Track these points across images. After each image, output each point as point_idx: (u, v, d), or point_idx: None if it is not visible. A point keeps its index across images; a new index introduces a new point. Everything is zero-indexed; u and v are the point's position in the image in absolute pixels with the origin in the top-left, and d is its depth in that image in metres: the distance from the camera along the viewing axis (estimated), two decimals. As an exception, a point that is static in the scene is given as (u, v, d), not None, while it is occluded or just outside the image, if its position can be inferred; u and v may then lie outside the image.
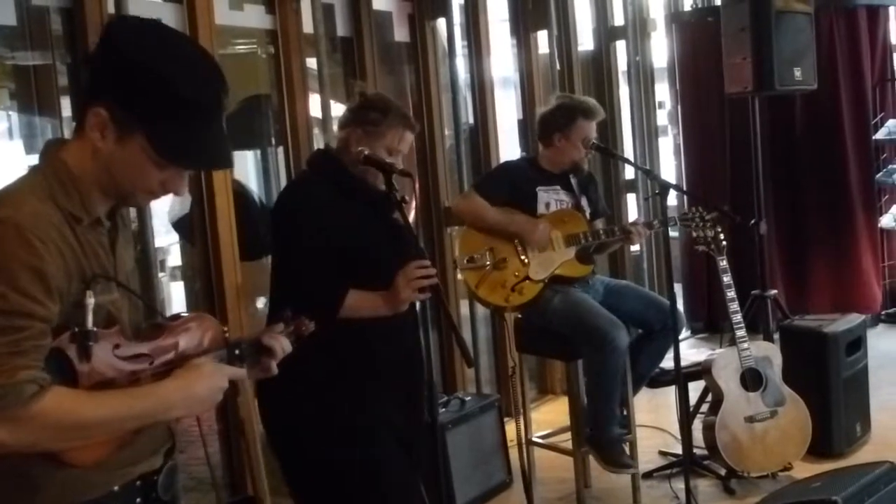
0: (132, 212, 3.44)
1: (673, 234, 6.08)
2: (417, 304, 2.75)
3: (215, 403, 1.70)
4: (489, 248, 3.89)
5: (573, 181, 4.08)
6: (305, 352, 2.05)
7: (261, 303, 4.14)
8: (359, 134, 2.71)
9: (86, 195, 1.63)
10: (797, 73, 5.34)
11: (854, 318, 4.54)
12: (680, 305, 4.56)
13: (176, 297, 4.27)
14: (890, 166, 6.71)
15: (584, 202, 4.08)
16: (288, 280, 2.65)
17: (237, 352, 1.79)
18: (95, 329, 1.55)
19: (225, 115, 1.72)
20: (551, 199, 4.02)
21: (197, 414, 1.70)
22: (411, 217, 3.70)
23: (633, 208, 6.38)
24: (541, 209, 3.98)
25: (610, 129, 6.15)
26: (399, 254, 2.67)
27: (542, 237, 3.89)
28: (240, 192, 3.89)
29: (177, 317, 1.75)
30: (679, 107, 6.81)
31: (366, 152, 2.71)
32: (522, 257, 3.91)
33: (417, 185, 4.80)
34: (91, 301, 1.55)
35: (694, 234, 4.04)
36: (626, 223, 4.04)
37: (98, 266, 1.62)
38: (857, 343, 4.45)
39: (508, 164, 4.31)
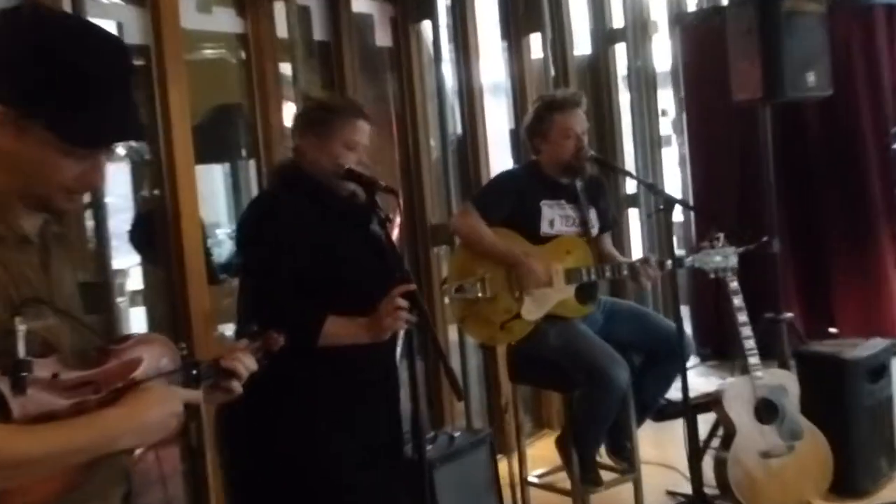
0: (88, 229, 3.46)
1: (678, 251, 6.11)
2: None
3: (169, 431, 1.67)
4: (481, 278, 3.90)
5: (580, 189, 4.10)
6: (273, 376, 2.05)
7: (230, 329, 4.11)
8: (311, 139, 2.78)
9: (5, 209, 1.61)
10: (810, 78, 5.37)
11: (877, 343, 4.54)
12: (687, 330, 4.56)
13: (137, 324, 4.24)
14: (913, 177, 6.72)
15: (591, 214, 4.09)
16: (258, 306, 2.65)
17: (194, 372, 1.77)
18: (29, 358, 1.51)
19: (133, 87, 1.70)
20: (556, 214, 4.02)
21: (149, 443, 1.67)
22: (395, 236, 3.71)
23: (635, 226, 6.39)
24: (544, 227, 3.99)
25: (609, 139, 6.17)
26: (381, 272, 2.70)
27: (538, 279, 3.90)
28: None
29: (126, 339, 1.73)
30: (684, 115, 6.84)
31: (347, 165, 2.75)
32: (516, 293, 3.92)
33: (401, 201, 4.80)
34: (22, 328, 1.51)
35: (712, 275, 4.05)
36: (637, 261, 4.02)
37: (28, 289, 1.59)
38: (880, 370, 4.46)
39: (509, 174, 4.32)
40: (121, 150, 1.68)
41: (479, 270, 3.90)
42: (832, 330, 6.52)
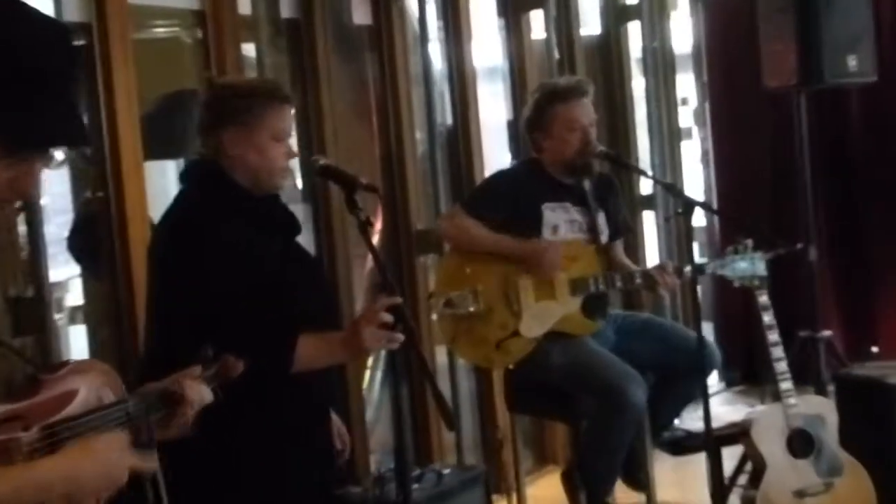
0: (21, 238, 3.43)
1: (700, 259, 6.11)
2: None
3: (114, 487, 1.65)
4: (473, 289, 3.89)
5: (588, 190, 4.10)
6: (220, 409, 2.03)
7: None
8: (231, 132, 2.74)
9: None
10: (852, 62, 5.38)
11: (926, 365, 4.57)
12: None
13: (77, 345, 4.23)
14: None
15: (601, 219, 4.10)
16: (192, 335, 2.61)
17: (141, 406, 1.75)
18: None
19: (75, 82, 1.68)
20: (560, 219, 4.03)
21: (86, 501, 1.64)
22: (375, 242, 3.72)
23: (651, 231, 6.40)
24: (547, 234, 4.01)
25: (622, 132, 6.18)
26: (316, 289, 2.78)
27: (554, 259, 3.90)
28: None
29: (61, 366, 1.72)
30: (707, 104, 6.85)
31: (321, 162, 2.79)
32: (514, 306, 3.91)
33: (382, 203, 4.80)
34: None
35: (737, 284, 4.05)
36: (652, 268, 4.04)
37: None
38: (930, 396, 4.47)
39: (505, 173, 4.34)
40: (60, 154, 1.65)
41: (470, 281, 3.91)
42: (875, 350, 6.53)
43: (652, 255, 6.32)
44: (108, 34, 3.55)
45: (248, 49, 4.24)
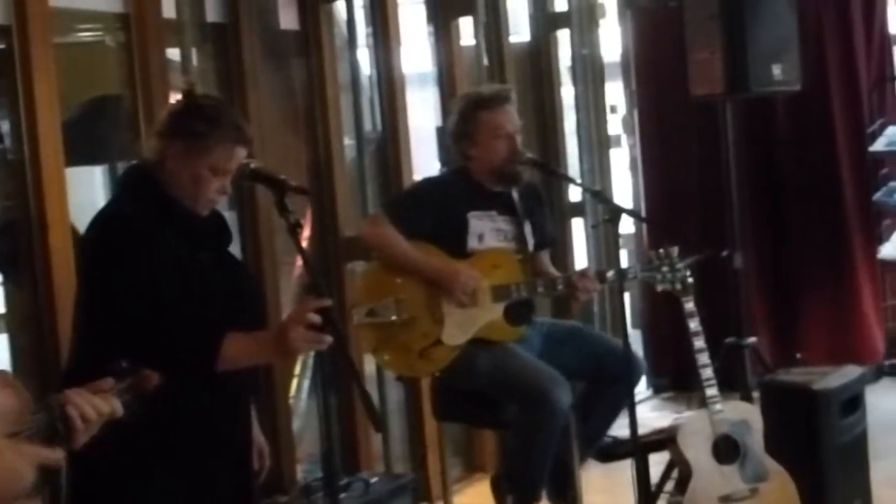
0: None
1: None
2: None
3: (14, 497, 1.63)
4: (396, 298, 3.90)
5: (516, 198, 4.13)
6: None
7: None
8: (178, 148, 2.74)
9: None
10: (777, 71, 5.46)
11: (851, 372, 4.60)
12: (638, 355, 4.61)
13: (-1, 354, 4.17)
14: (891, 183, 6.81)
15: (527, 228, 4.12)
16: (133, 336, 2.61)
17: (50, 418, 1.73)
18: None
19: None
20: (486, 227, 4.04)
21: None
22: (304, 246, 3.71)
23: (580, 238, 6.44)
24: (472, 243, 4.01)
25: (550, 139, 6.22)
26: (245, 298, 2.79)
27: (466, 288, 3.92)
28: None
29: None
30: (635, 112, 6.90)
31: (251, 165, 2.79)
32: (436, 314, 3.93)
33: (309, 210, 4.79)
34: None
35: (660, 288, 4.09)
36: (573, 273, 4.07)
37: None
38: (854, 402, 4.52)
39: (430, 181, 4.35)
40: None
41: (393, 290, 3.91)
42: (800, 356, 6.62)
43: (581, 262, 6.34)
44: (28, 37, 3.51)
45: (173, 54, 4.21)
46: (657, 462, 4.29)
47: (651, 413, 6.13)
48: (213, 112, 2.79)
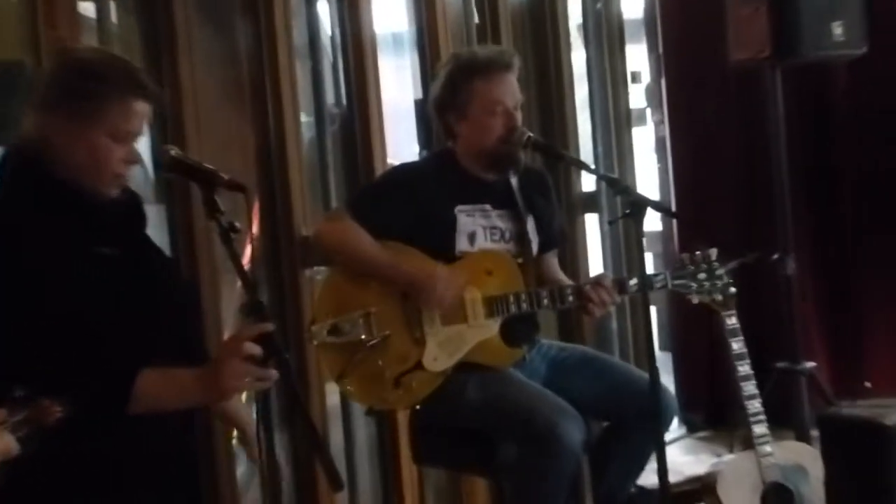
0: None
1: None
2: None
3: None
4: (365, 312, 3.90)
5: (516, 188, 4.13)
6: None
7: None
8: (63, 118, 2.73)
9: None
10: (837, 30, 5.46)
11: (928, 404, 4.63)
12: (668, 385, 4.61)
13: None
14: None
15: (530, 225, 4.13)
16: (26, 362, 2.59)
17: None
18: None
19: None
20: (478, 225, 4.06)
21: None
22: (247, 256, 3.71)
23: (594, 237, 6.45)
24: (461, 244, 4.03)
25: (557, 116, 6.21)
26: (170, 304, 2.79)
27: (445, 299, 3.92)
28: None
29: None
30: (663, 81, 6.89)
31: (171, 153, 2.78)
32: (416, 332, 3.93)
33: (257, 204, 4.79)
34: None
35: (695, 300, 4.09)
36: (586, 282, 4.07)
37: None
38: (932, 439, 4.54)
39: (406, 169, 4.33)
40: None
41: (361, 301, 3.92)
42: (868, 385, 6.62)
43: (596, 268, 6.35)
44: None
45: (87, 9, 4.20)
46: (692, 517, 4.31)
47: (684, 457, 6.14)
48: (97, 65, 2.76)
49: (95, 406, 2.51)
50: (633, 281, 4.04)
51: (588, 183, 6.33)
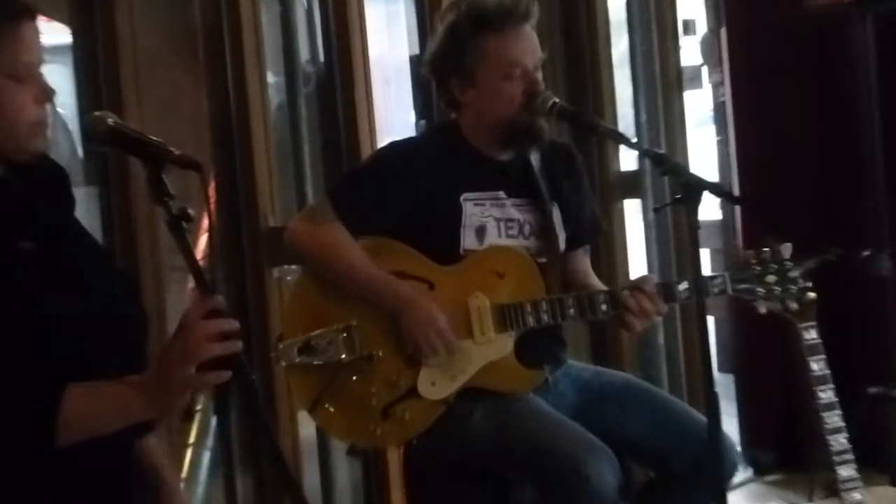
0: None
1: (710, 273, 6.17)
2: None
3: None
4: (345, 326, 3.90)
5: (537, 168, 4.14)
6: None
7: None
8: None
9: None
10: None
11: None
12: (730, 423, 4.61)
13: None
14: None
15: (556, 215, 4.14)
16: None
17: None
18: None
19: None
20: (489, 217, 4.04)
21: None
22: (200, 247, 3.71)
23: (634, 230, 6.45)
24: (468, 242, 4.02)
25: (589, 76, 6.22)
26: (104, 323, 2.75)
27: (435, 344, 3.92)
28: None
29: None
30: (723, 32, 6.90)
31: (108, 121, 2.77)
32: (408, 350, 3.91)
33: (214, 186, 4.79)
34: None
35: (763, 309, 4.07)
36: (625, 286, 4.04)
37: None
38: None
39: (400, 147, 4.29)
40: None
41: (340, 312, 3.92)
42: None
43: (637, 270, 6.36)
44: None
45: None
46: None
47: (750, 505, 6.16)
48: None
49: (16, 441, 2.50)
50: (684, 285, 4.01)
51: (628, 160, 6.35)
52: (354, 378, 3.91)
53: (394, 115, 5.58)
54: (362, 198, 4.01)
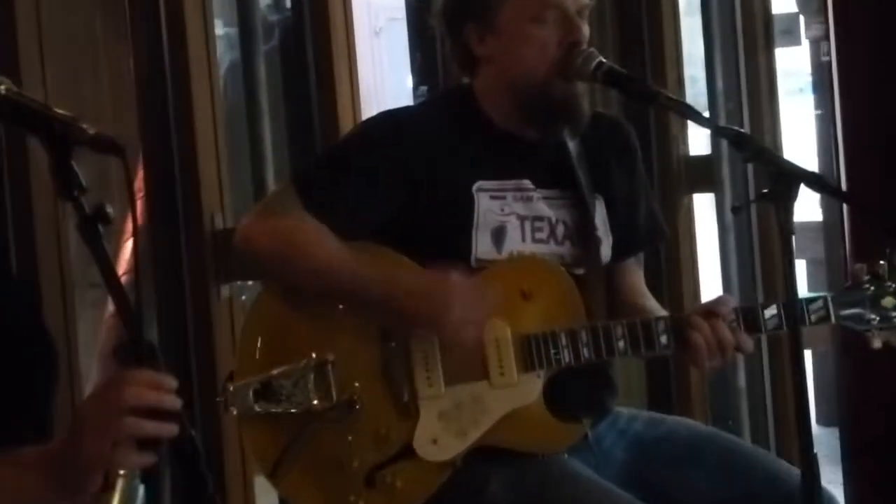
0: None
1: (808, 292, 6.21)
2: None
3: None
4: (320, 361, 3.90)
5: (575, 154, 4.15)
6: None
7: None
8: None
9: None
10: None
11: None
12: (834, 492, 4.63)
13: None
14: None
15: (599, 214, 4.16)
16: None
17: None
18: None
19: None
20: (510, 215, 4.05)
21: None
22: (123, 257, 3.74)
23: (708, 233, 6.48)
24: (483, 247, 4.03)
25: (649, 29, 6.26)
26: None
27: (466, 330, 3.93)
28: None
29: None
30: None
31: (1, 88, 2.78)
32: (403, 394, 3.95)
33: (141, 176, 4.81)
34: None
35: (877, 343, 4.08)
36: (694, 311, 4.03)
37: None
38: None
39: (397, 119, 4.30)
40: None
41: (310, 343, 3.93)
42: None
43: (710, 288, 6.39)
44: None
45: None
46: None
47: None
48: None
49: None
50: (773, 310, 4.03)
51: (699, 142, 6.38)
52: (329, 431, 3.92)
53: (385, 79, 5.60)
54: (339, 185, 3.99)
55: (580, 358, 3.94)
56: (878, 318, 4.04)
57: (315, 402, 3.88)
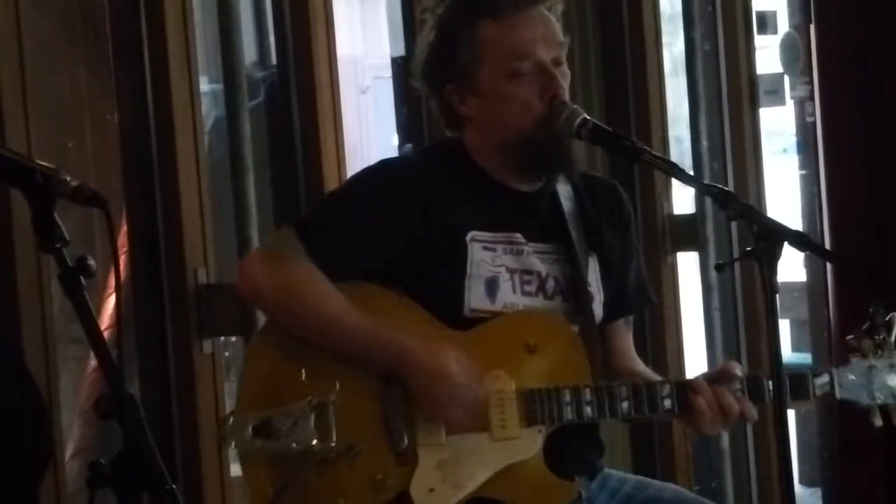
0: None
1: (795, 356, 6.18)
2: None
3: None
4: (320, 402, 3.87)
5: (567, 208, 4.14)
6: None
7: None
8: None
9: None
10: None
11: None
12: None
13: None
14: None
15: (592, 270, 4.15)
16: None
17: None
18: None
19: None
20: (500, 267, 4.05)
21: None
22: (106, 312, 3.71)
23: (691, 293, 6.46)
24: (475, 299, 4.00)
25: (633, 86, 6.24)
26: None
27: (464, 397, 3.90)
28: None
29: None
30: (812, 27, 6.93)
31: None
32: (400, 441, 3.91)
33: (125, 230, 4.80)
34: None
35: (878, 422, 4.05)
36: (705, 376, 4.01)
37: None
38: None
39: (389, 169, 4.29)
40: None
41: (311, 385, 3.90)
42: None
43: (693, 346, 6.37)
44: None
45: None
46: None
47: None
48: None
49: None
50: (765, 380, 3.98)
51: (683, 200, 6.37)
52: (325, 473, 3.89)
53: (370, 137, 5.59)
54: (342, 233, 3.97)
55: (582, 416, 3.91)
56: (876, 384, 4.02)
57: (314, 442, 3.85)
